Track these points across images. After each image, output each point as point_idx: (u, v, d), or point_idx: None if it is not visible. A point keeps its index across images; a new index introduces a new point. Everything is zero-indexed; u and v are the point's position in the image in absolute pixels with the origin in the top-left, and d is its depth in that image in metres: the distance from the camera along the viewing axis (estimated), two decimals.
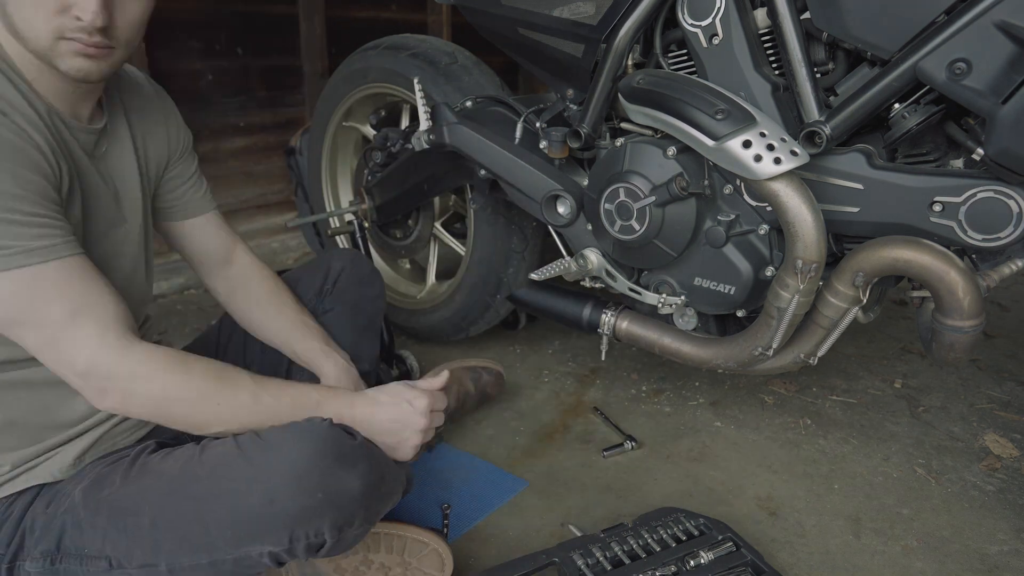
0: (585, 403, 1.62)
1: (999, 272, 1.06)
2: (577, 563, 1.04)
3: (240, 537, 0.87)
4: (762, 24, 1.14)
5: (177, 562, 0.89)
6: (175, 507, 0.89)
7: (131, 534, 0.89)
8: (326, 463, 0.87)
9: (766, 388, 1.68)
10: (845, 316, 1.11)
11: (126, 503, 0.90)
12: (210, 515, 0.88)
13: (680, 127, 1.09)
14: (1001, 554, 1.17)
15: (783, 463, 1.40)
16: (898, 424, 1.54)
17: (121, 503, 0.90)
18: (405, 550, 1.08)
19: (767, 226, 1.17)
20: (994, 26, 0.92)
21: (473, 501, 1.27)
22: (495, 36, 1.44)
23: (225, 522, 0.87)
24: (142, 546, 0.89)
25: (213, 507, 0.88)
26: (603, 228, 1.29)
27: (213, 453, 0.91)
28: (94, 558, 0.90)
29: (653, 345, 1.34)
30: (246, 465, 0.88)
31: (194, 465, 0.90)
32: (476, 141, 1.41)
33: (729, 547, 1.07)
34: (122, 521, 0.89)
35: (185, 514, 0.89)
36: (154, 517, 0.89)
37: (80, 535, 0.90)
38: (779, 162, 1.00)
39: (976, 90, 0.94)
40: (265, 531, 0.87)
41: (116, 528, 0.89)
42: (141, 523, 0.89)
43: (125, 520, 0.89)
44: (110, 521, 0.90)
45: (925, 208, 1.03)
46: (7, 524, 0.92)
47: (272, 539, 0.87)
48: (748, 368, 1.25)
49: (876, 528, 1.22)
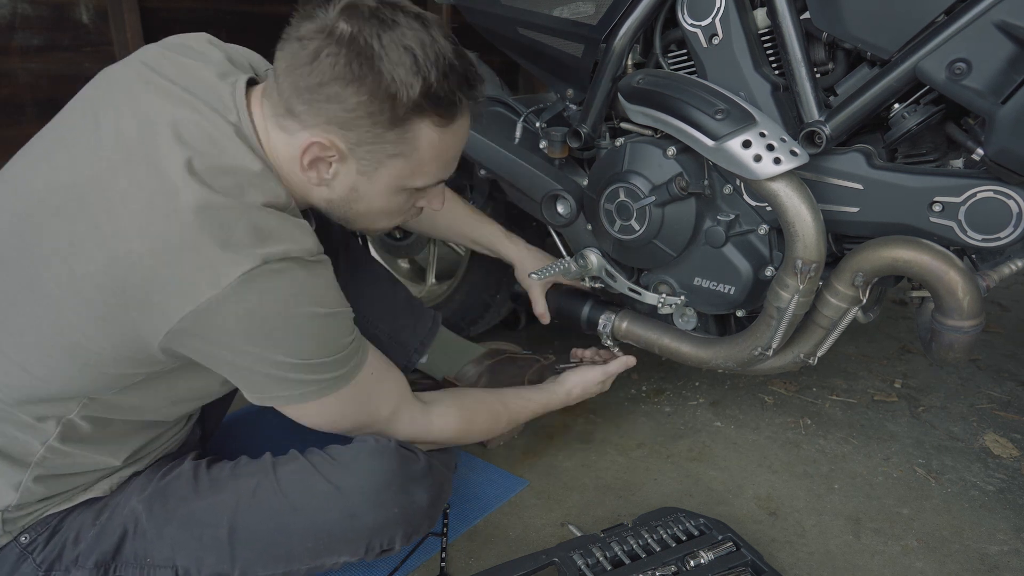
0: (585, 403, 1.61)
1: (999, 272, 1.06)
2: (577, 563, 1.04)
3: (320, 548, 0.94)
4: (762, 24, 1.14)
5: (252, 571, 0.94)
6: (256, 519, 0.94)
7: (206, 544, 0.93)
8: (400, 481, 0.96)
9: (766, 388, 1.68)
10: (845, 316, 1.11)
11: (202, 515, 0.94)
12: (293, 527, 0.94)
13: (680, 127, 1.09)
14: (1001, 554, 1.17)
15: (783, 463, 1.40)
16: (898, 424, 1.54)
17: (196, 514, 0.94)
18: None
19: (767, 226, 1.17)
20: (994, 26, 0.92)
21: (473, 501, 1.27)
22: (495, 36, 1.44)
23: (307, 534, 0.94)
24: (218, 555, 0.93)
25: (296, 520, 0.94)
26: (603, 228, 1.29)
27: (288, 471, 0.98)
28: (159, 567, 0.93)
29: (653, 345, 1.34)
30: (324, 483, 0.95)
31: (270, 481, 0.96)
32: (476, 141, 1.41)
33: (729, 547, 1.07)
34: (197, 531, 0.93)
35: (267, 526, 0.94)
36: (233, 528, 0.93)
37: (144, 544, 0.93)
38: (779, 162, 1.00)
39: (976, 90, 0.94)
40: (345, 542, 0.95)
41: (189, 537, 0.93)
42: (219, 534, 0.93)
43: (201, 530, 0.93)
44: (182, 530, 0.93)
45: (925, 208, 1.03)
46: (51, 537, 0.94)
47: (349, 549, 0.95)
48: (748, 368, 1.25)
49: (876, 528, 1.22)
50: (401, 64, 0.81)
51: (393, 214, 0.98)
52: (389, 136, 0.85)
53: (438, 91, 0.84)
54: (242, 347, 0.82)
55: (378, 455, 0.97)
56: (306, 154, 0.85)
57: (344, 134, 0.84)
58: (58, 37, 2.43)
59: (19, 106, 2.31)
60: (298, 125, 0.85)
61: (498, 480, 1.33)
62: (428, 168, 0.91)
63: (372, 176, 0.89)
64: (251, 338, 0.81)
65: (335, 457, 0.98)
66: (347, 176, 0.89)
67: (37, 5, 2.32)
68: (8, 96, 2.29)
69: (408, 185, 0.92)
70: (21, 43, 2.29)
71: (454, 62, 0.85)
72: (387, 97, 0.82)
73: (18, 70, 2.29)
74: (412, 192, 0.94)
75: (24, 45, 2.29)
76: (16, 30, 2.28)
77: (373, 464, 0.96)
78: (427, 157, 0.89)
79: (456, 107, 0.88)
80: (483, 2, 1.40)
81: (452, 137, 0.91)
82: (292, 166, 0.88)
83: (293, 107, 0.84)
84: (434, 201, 1.01)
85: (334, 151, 0.86)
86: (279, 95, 0.85)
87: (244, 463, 1.00)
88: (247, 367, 0.85)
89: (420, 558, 1.14)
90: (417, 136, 0.87)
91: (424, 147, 0.88)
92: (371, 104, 0.82)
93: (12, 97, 2.30)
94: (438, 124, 0.87)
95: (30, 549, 0.92)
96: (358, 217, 0.95)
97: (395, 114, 0.83)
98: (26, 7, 2.30)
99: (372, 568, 1.12)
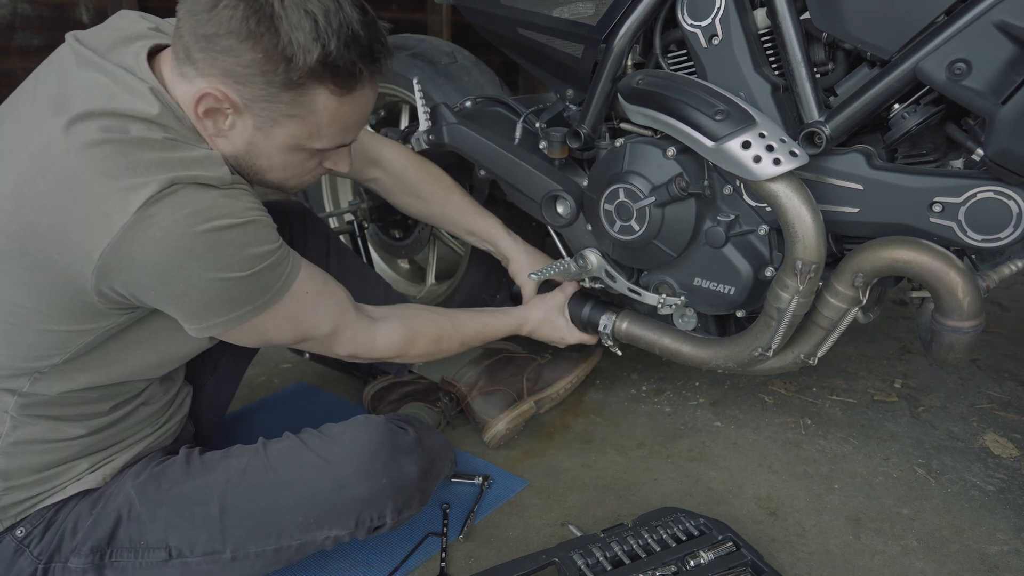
0: (585, 403, 1.62)
1: (999, 272, 1.06)
2: (577, 563, 1.04)
3: (310, 522, 0.96)
4: (762, 24, 1.14)
5: (243, 549, 0.95)
6: (246, 495, 0.96)
7: (198, 523, 0.94)
8: (387, 452, 0.99)
9: (766, 388, 1.68)
10: (845, 316, 1.11)
11: (193, 495, 0.96)
12: (282, 501, 0.95)
13: (679, 128, 1.09)
14: (1001, 554, 1.17)
15: (783, 463, 1.40)
16: (898, 424, 1.54)
17: (187, 495, 0.96)
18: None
19: (767, 226, 1.17)
20: (994, 26, 0.92)
21: (473, 501, 1.27)
22: (495, 36, 1.44)
23: (297, 508, 0.95)
24: (209, 533, 0.94)
25: (285, 494, 0.96)
26: (603, 228, 1.29)
27: (278, 448, 1.00)
28: (152, 549, 0.94)
29: (653, 346, 1.34)
30: (313, 456, 0.98)
31: (260, 459, 0.99)
32: (476, 141, 1.41)
33: (729, 547, 1.07)
34: (188, 510, 0.94)
35: (257, 501, 0.95)
36: (224, 505, 0.95)
37: (138, 527, 0.94)
38: (778, 163, 1.00)
39: (976, 90, 0.94)
40: (334, 516, 0.96)
41: (181, 517, 0.94)
42: (210, 512, 0.94)
43: (192, 509, 0.94)
44: (174, 511, 0.95)
45: (925, 208, 1.03)
46: (47, 529, 0.94)
47: (340, 523, 0.97)
48: (748, 368, 1.25)
49: (876, 528, 1.22)
50: (300, 28, 0.80)
51: (296, 172, 0.97)
52: (284, 97, 0.85)
53: (336, 60, 0.83)
54: (168, 271, 0.82)
55: (366, 427, 1.00)
56: (200, 103, 0.85)
57: (238, 88, 0.84)
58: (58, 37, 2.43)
59: None
60: (195, 72, 0.85)
61: (498, 480, 1.34)
62: (326, 132, 0.91)
63: (268, 133, 0.89)
64: (174, 260, 0.81)
65: (325, 433, 1.01)
66: (244, 130, 0.89)
67: (37, 5, 2.32)
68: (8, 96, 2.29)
69: (306, 146, 0.92)
70: (21, 43, 2.29)
71: (358, 32, 0.84)
72: (282, 59, 0.81)
73: (18, 70, 2.29)
74: (312, 152, 0.94)
75: (24, 45, 2.29)
76: (16, 30, 2.28)
77: (360, 435, 0.99)
78: (324, 122, 0.89)
79: (356, 78, 0.87)
80: (483, 2, 1.40)
81: (352, 106, 0.90)
82: (192, 116, 0.88)
83: (191, 53, 0.84)
84: (340, 163, 1.00)
85: (228, 104, 0.85)
86: (179, 40, 0.85)
87: (236, 447, 1.03)
88: (180, 294, 0.85)
89: (420, 558, 1.14)
90: (314, 101, 0.86)
91: (320, 112, 0.88)
92: (266, 63, 0.82)
93: None
94: (336, 93, 0.87)
95: (26, 542, 0.93)
96: (262, 172, 0.94)
97: (289, 77, 0.83)
98: (26, 7, 2.30)
99: (372, 568, 1.12)
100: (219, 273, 0.85)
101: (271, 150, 0.91)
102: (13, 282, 0.82)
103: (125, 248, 0.79)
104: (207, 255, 0.82)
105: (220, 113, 0.87)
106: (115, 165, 0.78)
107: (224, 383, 1.30)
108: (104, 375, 0.93)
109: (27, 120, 0.84)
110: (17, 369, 0.88)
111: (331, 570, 1.12)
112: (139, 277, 0.82)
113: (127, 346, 0.93)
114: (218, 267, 0.84)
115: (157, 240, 0.79)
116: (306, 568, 1.11)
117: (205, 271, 0.83)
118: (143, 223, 0.78)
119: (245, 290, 0.88)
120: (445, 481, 1.31)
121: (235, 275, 0.86)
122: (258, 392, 1.66)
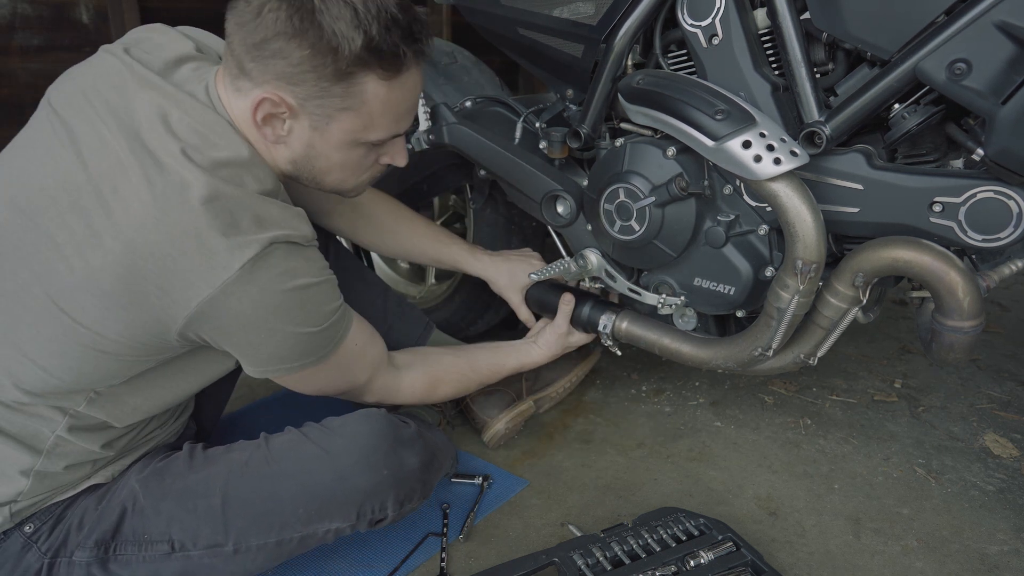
0: (585, 403, 1.62)
1: (999, 272, 1.06)
2: (577, 563, 1.04)
3: (311, 514, 0.96)
4: (762, 24, 1.14)
5: (245, 541, 0.96)
6: (249, 487, 0.96)
7: (200, 515, 0.95)
8: (388, 443, 1.00)
9: (766, 388, 1.68)
10: (845, 316, 1.11)
11: (196, 487, 0.97)
12: (284, 492, 0.96)
13: (680, 127, 1.09)
14: (1001, 554, 1.17)
15: (783, 463, 1.40)
16: (898, 424, 1.54)
17: (190, 487, 0.97)
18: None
19: (767, 226, 1.17)
20: (994, 26, 0.92)
21: (473, 501, 1.27)
22: (495, 36, 1.44)
23: (298, 499, 0.96)
24: (212, 525, 0.95)
25: (287, 485, 0.96)
26: (603, 228, 1.29)
27: (280, 441, 1.02)
28: (155, 542, 0.95)
29: (653, 345, 1.34)
30: (314, 448, 0.99)
31: (262, 452, 1.00)
32: (476, 141, 1.41)
33: (729, 547, 1.07)
34: (191, 503, 0.95)
35: (259, 493, 0.96)
36: (226, 497, 0.96)
37: (141, 520, 0.95)
38: (779, 162, 1.00)
39: (976, 90, 0.94)
40: (336, 507, 0.97)
41: (184, 510, 0.95)
42: (212, 504, 0.95)
43: (195, 502, 0.95)
44: (177, 504, 0.95)
45: (925, 208, 1.03)
46: (55, 525, 0.95)
47: (341, 514, 0.97)
48: (748, 368, 1.25)
49: (876, 528, 1.22)
50: (341, 18, 0.83)
51: (356, 170, 0.99)
52: (335, 90, 0.87)
53: (380, 44, 0.85)
54: (255, 324, 0.87)
55: (367, 419, 1.02)
56: (258, 110, 0.88)
57: (292, 89, 0.87)
58: (58, 37, 2.43)
59: (19, 106, 2.31)
60: (250, 84, 0.87)
61: (498, 480, 1.33)
62: (380, 121, 0.93)
63: (324, 131, 0.91)
64: (263, 315, 0.87)
65: (326, 426, 1.02)
66: (301, 132, 0.91)
67: (37, 5, 2.32)
68: (8, 96, 2.29)
69: (362, 139, 0.94)
70: (21, 43, 2.29)
71: (397, 15, 0.87)
72: (329, 51, 0.84)
73: (18, 70, 2.29)
74: (369, 147, 0.96)
75: (24, 45, 2.29)
76: (16, 30, 2.28)
77: (362, 427, 1.01)
78: (377, 111, 0.91)
79: (401, 60, 0.89)
80: (483, 2, 1.40)
81: (400, 90, 0.92)
82: (251, 128, 0.90)
83: (244, 65, 0.86)
84: (397, 157, 1.02)
85: (284, 107, 0.88)
86: (232, 56, 0.88)
87: (239, 442, 1.04)
88: (258, 343, 0.90)
89: (420, 558, 1.14)
90: (364, 90, 0.89)
91: (372, 100, 0.90)
92: (314, 58, 0.84)
93: (12, 97, 2.30)
94: (384, 77, 0.89)
95: (34, 538, 0.93)
96: (322, 175, 0.98)
97: (338, 67, 0.85)
98: (26, 7, 2.30)
99: (372, 568, 1.12)
100: (298, 328, 0.91)
101: (329, 149, 0.94)
102: (106, 317, 0.84)
103: (222, 300, 0.83)
104: (291, 311, 0.89)
105: (277, 118, 0.90)
106: (225, 223, 0.82)
107: (224, 380, 1.30)
108: (153, 397, 0.97)
109: (103, 149, 0.85)
110: (79, 386, 0.90)
111: (331, 570, 1.12)
112: (226, 326, 0.87)
113: (173, 373, 0.97)
114: (298, 322, 0.91)
115: (252, 296, 0.85)
116: (306, 567, 1.12)
117: (287, 325, 0.90)
118: (244, 279, 0.83)
119: (313, 342, 0.94)
120: (445, 481, 1.32)
121: (310, 330, 0.92)
122: (258, 392, 1.66)
